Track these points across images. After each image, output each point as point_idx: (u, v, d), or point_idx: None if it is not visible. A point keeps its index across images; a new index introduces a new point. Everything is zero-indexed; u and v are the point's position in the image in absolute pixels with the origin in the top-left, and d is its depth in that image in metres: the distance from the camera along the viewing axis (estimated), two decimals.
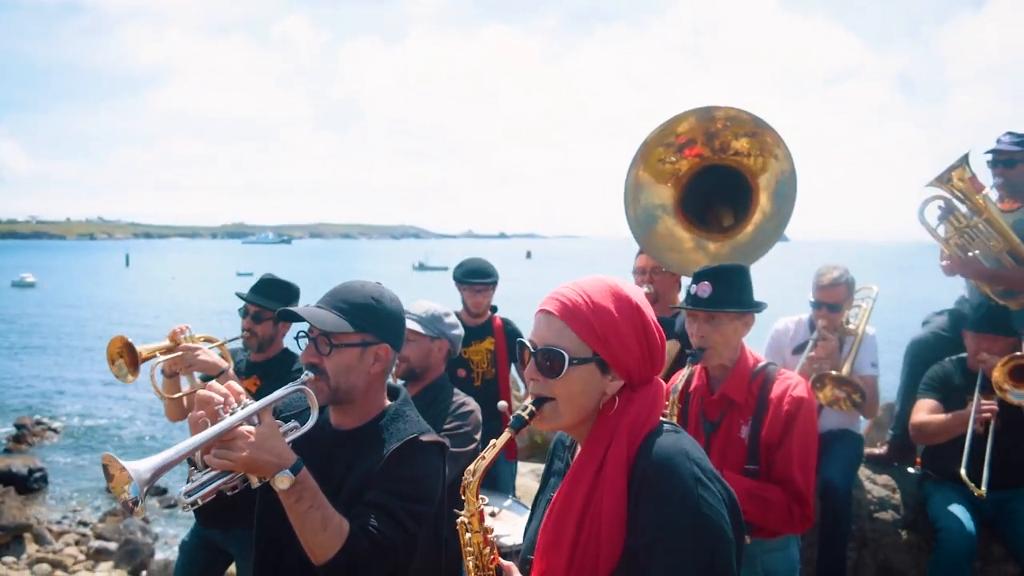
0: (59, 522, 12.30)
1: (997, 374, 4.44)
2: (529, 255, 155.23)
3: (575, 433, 1.99)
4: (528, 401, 1.92)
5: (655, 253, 4.41)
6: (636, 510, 1.78)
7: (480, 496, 1.93)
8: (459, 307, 5.65)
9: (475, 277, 5.51)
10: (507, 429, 1.89)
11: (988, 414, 4.44)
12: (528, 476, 7.13)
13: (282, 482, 2.24)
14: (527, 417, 1.88)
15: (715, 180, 4.32)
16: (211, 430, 2.20)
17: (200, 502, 2.23)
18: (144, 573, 9.93)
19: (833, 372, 4.82)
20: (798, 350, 5.08)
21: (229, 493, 2.34)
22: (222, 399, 2.28)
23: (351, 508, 2.40)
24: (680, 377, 3.28)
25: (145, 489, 2.01)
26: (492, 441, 1.92)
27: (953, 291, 5.65)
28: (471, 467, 1.91)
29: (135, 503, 2.01)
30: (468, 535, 1.95)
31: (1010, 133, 5.44)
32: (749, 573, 3.24)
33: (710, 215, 4.44)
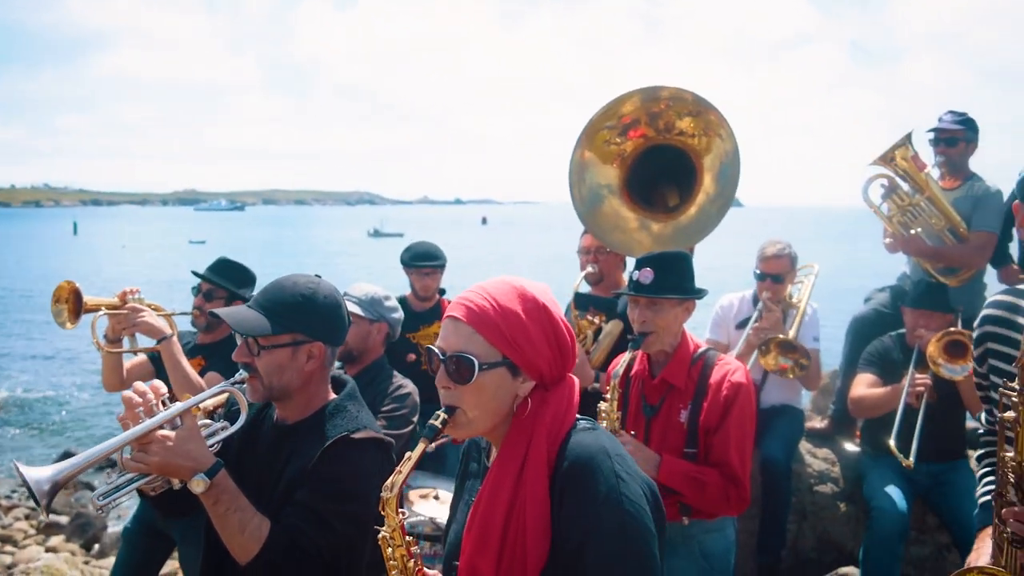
0: (8, 496, 12.10)
1: (932, 348, 4.54)
2: (485, 221, 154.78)
3: (491, 436, 1.97)
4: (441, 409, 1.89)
5: (599, 233, 4.41)
6: (561, 511, 1.78)
7: (401, 511, 1.91)
8: (408, 290, 5.64)
9: (422, 260, 5.49)
10: (421, 440, 1.86)
11: (921, 388, 4.55)
12: None
13: (197, 485, 2.26)
14: (440, 426, 1.85)
15: (660, 160, 4.32)
16: (126, 434, 2.22)
17: (112, 505, 2.27)
18: (97, 546, 9.83)
19: (780, 336, 4.89)
20: (741, 325, 5.17)
21: (152, 493, 2.35)
22: (142, 401, 2.28)
23: (281, 504, 2.40)
24: (621, 362, 3.30)
25: (46, 501, 2.06)
26: (408, 454, 1.88)
27: (901, 256, 5.77)
28: (388, 482, 1.88)
29: (46, 507, 2.07)
30: (390, 550, 1.92)
31: (951, 112, 5.53)
32: (687, 553, 3.31)
33: (655, 195, 4.45)
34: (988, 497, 2.43)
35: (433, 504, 4.12)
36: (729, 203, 4.17)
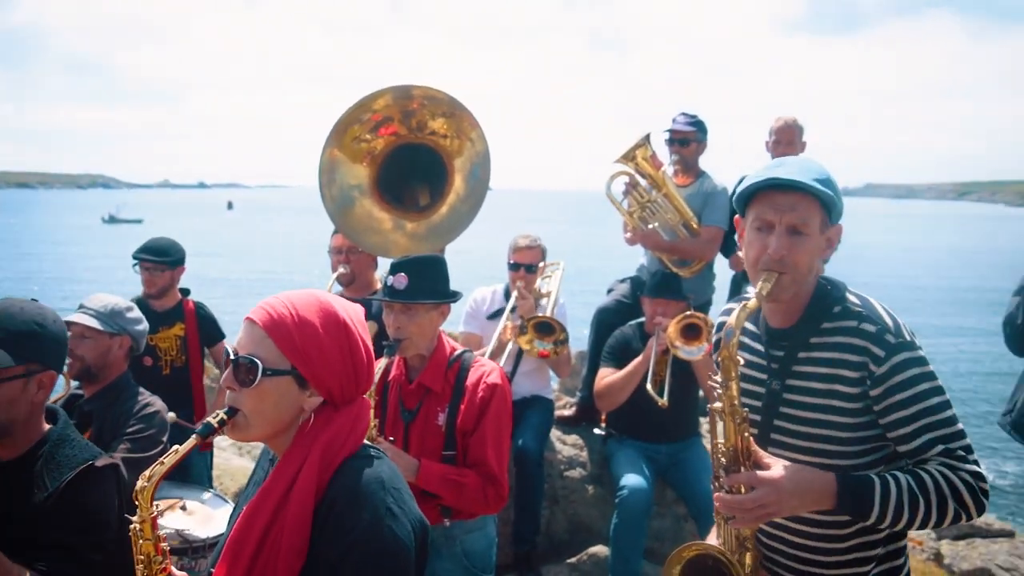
0: None
1: (671, 330, 4.83)
2: (231, 206, 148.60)
3: (274, 446, 1.93)
4: (222, 409, 1.85)
5: (354, 236, 4.35)
6: (321, 536, 1.75)
7: (154, 503, 1.85)
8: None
9: (145, 254, 5.08)
10: (194, 435, 1.80)
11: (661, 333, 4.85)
12: None
13: None
14: (216, 425, 1.80)
15: (411, 158, 4.31)
16: None
17: None
18: None
19: (539, 315, 5.04)
20: (494, 316, 5.30)
21: None
22: None
23: (23, 547, 2.21)
24: (377, 368, 3.27)
25: None
26: (174, 447, 1.83)
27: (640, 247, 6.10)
28: (147, 472, 1.82)
29: None
30: (140, 543, 1.86)
31: (684, 114, 5.95)
32: (449, 555, 3.34)
33: (407, 194, 4.44)
34: None
35: (180, 515, 3.89)
36: (480, 203, 4.23)
